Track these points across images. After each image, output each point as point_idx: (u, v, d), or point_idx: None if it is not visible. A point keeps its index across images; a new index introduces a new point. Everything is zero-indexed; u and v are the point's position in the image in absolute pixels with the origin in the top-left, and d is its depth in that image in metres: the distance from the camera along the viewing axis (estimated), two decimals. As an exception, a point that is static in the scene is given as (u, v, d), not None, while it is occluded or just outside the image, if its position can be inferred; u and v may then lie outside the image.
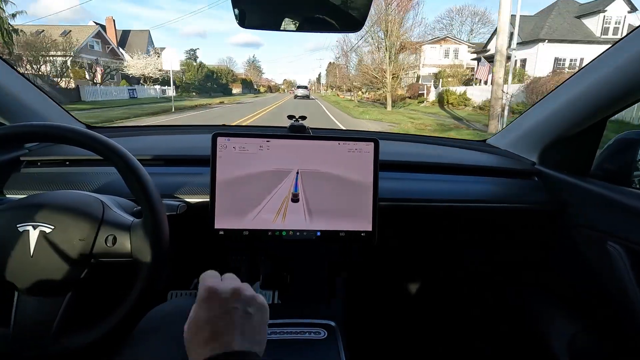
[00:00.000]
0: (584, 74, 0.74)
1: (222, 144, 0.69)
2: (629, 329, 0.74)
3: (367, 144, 0.71)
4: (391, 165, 0.89)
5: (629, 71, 0.63)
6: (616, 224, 0.72)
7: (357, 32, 0.64)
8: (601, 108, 0.72)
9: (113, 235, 0.52)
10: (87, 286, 0.54)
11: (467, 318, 1.16)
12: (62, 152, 0.86)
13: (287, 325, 0.75)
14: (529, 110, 0.96)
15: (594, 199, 0.77)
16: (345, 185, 0.71)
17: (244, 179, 0.69)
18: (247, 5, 0.62)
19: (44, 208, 0.51)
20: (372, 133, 1.25)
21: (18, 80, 0.84)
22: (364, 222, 0.71)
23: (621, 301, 0.73)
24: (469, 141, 1.19)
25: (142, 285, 0.50)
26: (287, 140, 0.70)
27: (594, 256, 0.79)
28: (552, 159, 0.90)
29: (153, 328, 0.63)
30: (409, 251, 1.14)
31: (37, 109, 0.88)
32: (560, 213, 0.85)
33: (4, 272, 0.49)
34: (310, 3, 0.62)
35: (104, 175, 0.78)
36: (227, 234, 0.69)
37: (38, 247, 0.49)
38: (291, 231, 0.70)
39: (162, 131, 1.22)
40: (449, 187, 0.87)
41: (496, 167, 0.95)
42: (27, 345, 0.49)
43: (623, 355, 0.78)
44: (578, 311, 0.90)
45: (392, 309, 1.18)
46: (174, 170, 0.82)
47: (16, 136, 0.50)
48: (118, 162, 0.51)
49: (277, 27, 0.66)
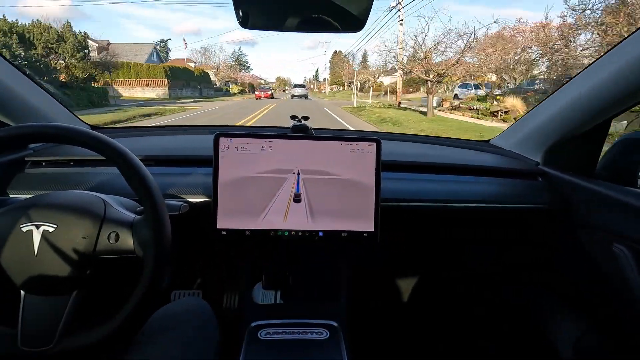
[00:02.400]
0: (588, 73, 0.74)
1: (224, 144, 0.69)
2: (634, 330, 0.74)
3: (369, 144, 0.71)
4: (393, 165, 0.89)
5: (633, 70, 0.62)
6: (621, 224, 0.71)
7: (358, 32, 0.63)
8: (605, 108, 0.71)
9: (115, 232, 0.53)
10: (92, 285, 0.54)
11: (470, 318, 1.15)
12: (66, 153, 0.86)
13: (289, 326, 0.75)
14: (533, 110, 0.95)
15: (598, 199, 0.76)
16: (348, 186, 0.71)
17: (246, 179, 0.70)
18: (250, 6, 0.62)
19: (46, 208, 0.52)
20: (374, 133, 1.25)
21: (23, 80, 0.84)
22: (366, 222, 0.71)
23: (626, 302, 0.72)
24: (472, 141, 1.18)
25: (146, 282, 0.50)
26: (289, 140, 0.70)
27: (598, 257, 0.78)
28: (556, 159, 0.90)
29: (160, 329, 0.64)
30: (412, 251, 1.13)
31: (41, 109, 0.89)
32: (564, 213, 0.85)
33: (9, 273, 0.50)
34: (312, 4, 0.62)
35: (108, 175, 0.79)
36: (230, 234, 0.70)
37: (42, 247, 0.50)
38: (293, 231, 0.71)
39: (164, 132, 1.22)
40: (452, 187, 0.86)
41: (500, 167, 0.95)
42: (34, 345, 0.49)
43: (628, 355, 0.77)
44: (583, 311, 0.89)
45: (395, 309, 1.18)
46: (177, 171, 0.82)
47: (20, 137, 0.50)
48: (120, 162, 0.51)
49: (279, 28, 0.66)
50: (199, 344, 0.62)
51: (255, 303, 0.83)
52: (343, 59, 49.09)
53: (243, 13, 0.61)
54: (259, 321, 0.76)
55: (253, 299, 0.83)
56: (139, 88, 23.37)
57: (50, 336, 0.49)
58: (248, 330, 0.74)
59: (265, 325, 0.75)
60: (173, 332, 0.63)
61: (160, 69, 24.47)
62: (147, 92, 23.26)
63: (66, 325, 0.51)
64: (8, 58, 0.83)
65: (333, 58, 56.89)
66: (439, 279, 1.19)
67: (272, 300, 0.83)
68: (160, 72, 24.16)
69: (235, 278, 1.10)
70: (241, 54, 58.20)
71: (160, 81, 23.82)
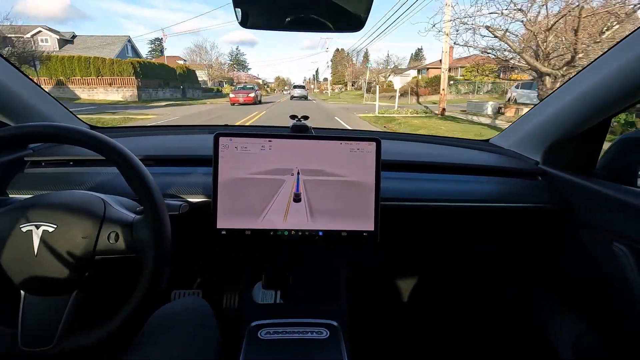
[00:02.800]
0: (588, 73, 0.74)
1: (224, 144, 0.69)
2: (634, 330, 0.74)
3: (369, 144, 0.71)
4: (393, 165, 0.89)
5: (633, 69, 0.63)
6: (621, 223, 0.71)
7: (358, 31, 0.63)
8: (605, 107, 0.71)
9: (115, 232, 0.53)
10: (92, 285, 0.54)
11: (471, 318, 1.16)
12: (66, 153, 0.86)
13: (289, 325, 0.75)
14: (533, 109, 0.95)
15: (598, 198, 0.76)
16: (348, 185, 0.71)
17: (246, 179, 0.70)
18: (249, 5, 0.62)
19: (46, 208, 0.52)
20: (374, 133, 1.24)
21: (22, 81, 0.84)
22: (366, 221, 0.71)
23: (626, 302, 0.72)
24: (472, 140, 1.18)
25: (146, 282, 0.50)
26: (289, 140, 0.70)
27: (598, 256, 0.78)
28: (556, 159, 0.90)
29: (160, 328, 0.63)
30: (412, 251, 1.13)
31: (41, 109, 0.89)
32: (564, 213, 0.85)
33: (9, 273, 0.50)
34: (312, 3, 0.62)
35: (108, 175, 0.79)
36: (230, 234, 0.70)
37: (42, 247, 0.50)
38: (293, 231, 0.71)
39: (164, 131, 1.22)
40: (451, 187, 0.86)
41: (500, 166, 0.95)
42: (35, 345, 0.49)
43: (628, 355, 0.77)
44: (583, 311, 0.89)
45: (395, 309, 1.18)
46: (176, 170, 0.82)
47: (20, 137, 0.50)
48: (120, 161, 0.51)
49: (279, 27, 0.66)
50: (199, 343, 0.62)
51: (255, 303, 0.83)
52: (345, 57, 46.64)
53: (243, 12, 0.61)
54: (259, 321, 0.76)
55: (253, 299, 0.83)
56: (101, 88, 18.76)
57: (50, 336, 0.49)
58: (248, 330, 0.74)
59: (265, 325, 0.75)
60: (173, 331, 0.63)
61: (127, 65, 19.11)
62: (111, 94, 18.63)
63: (66, 325, 0.51)
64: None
65: (335, 56, 53.35)
66: (439, 279, 1.19)
67: (272, 300, 0.84)
68: (127, 69, 18.88)
69: (235, 278, 1.10)
70: (239, 53, 55.82)
71: (128, 80, 18.84)
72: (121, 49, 25.58)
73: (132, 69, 19.14)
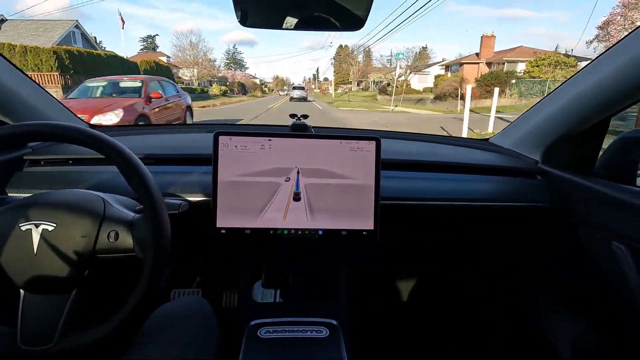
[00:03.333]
0: (587, 72, 0.74)
1: (223, 143, 0.69)
2: (633, 329, 0.74)
3: (369, 143, 0.71)
4: (393, 164, 0.89)
5: (632, 69, 0.63)
6: (620, 222, 0.71)
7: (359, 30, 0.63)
8: (605, 106, 0.72)
9: (115, 230, 0.53)
10: (92, 284, 0.54)
11: (469, 317, 1.16)
12: (65, 151, 0.86)
13: (289, 324, 0.75)
14: (532, 109, 0.95)
15: (597, 197, 0.76)
16: (347, 184, 0.71)
17: (246, 178, 0.70)
18: (249, 4, 0.62)
19: (45, 207, 0.52)
20: (374, 132, 1.24)
21: (21, 79, 0.84)
22: (366, 220, 0.71)
23: (625, 301, 0.73)
24: (472, 140, 1.18)
25: (145, 281, 0.50)
26: (288, 139, 0.70)
27: (597, 255, 0.78)
28: (555, 158, 0.90)
29: (160, 327, 0.64)
30: (411, 250, 1.14)
31: (40, 108, 0.89)
32: (563, 212, 0.85)
33: (8, 272, 0.50)
34: (312, 2, 0.62)
35: (108, 174, 0.79)
36: (229, 233, 0.70)
37: (41, 246, 0.49)
38: (293, 230, 0.71)
39: (163, 130, 1.22)
40: (451, 186, 0.87)
41: (499, 166, 0.95)
42: (35, 344, 0.49)
43: (626, 354, 0.78)
44: (582, 310, 0.89)
45: (394, 307, 1.18)
46: (176, 169, 0.82)
47: (19, 135, 0.50)
48: (119, 160, 0.51)
49: (279, 26, 0.66)
50: (199, 342, 0.63)
51: (255, 301, 0.83)
52: (350, 54, 42.85)
53: (242, 11, 0.61)
54: (258, 319, 0.77)
55: (253, 298, 0.83)
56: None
57: (50, 335, 0.49)
58: (248, 329, 0.74)
59: (265, 324, 0.75)
60: (173, 330, 0.63)
61: (48, 55, 12.80)
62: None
63: (66, 324, 0.50)
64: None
65: (338, 53, 47.69)
66: (438, 278, 1.19)
67: (271, 299, 0.84)
68: (48, 61, 12.78)
69: (234, 277, 1.10)
70: (236, 52, 52.81)
71: (49, 77, 12.58)
72: (64, 36, 18.62)
73: (55, 61, 12.78)
